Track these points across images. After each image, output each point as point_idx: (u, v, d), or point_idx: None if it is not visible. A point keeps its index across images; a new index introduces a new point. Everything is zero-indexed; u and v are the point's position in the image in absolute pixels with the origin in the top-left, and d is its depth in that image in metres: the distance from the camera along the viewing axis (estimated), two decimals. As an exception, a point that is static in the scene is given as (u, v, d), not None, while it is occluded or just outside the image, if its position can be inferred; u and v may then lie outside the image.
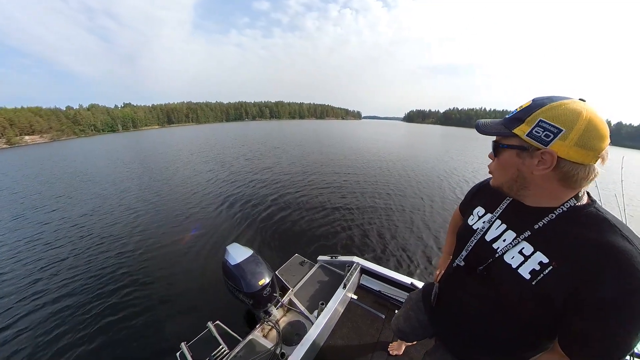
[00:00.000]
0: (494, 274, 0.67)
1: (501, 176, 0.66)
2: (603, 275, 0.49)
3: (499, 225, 0.72)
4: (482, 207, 0.81)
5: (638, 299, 0.47)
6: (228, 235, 4.59)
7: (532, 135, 0.54)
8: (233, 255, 1.96)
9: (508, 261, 0.64)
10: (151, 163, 12.54)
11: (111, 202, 6.77)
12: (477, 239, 0.75)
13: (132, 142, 26.95)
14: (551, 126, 0.52)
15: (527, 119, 0.55)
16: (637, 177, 12.95)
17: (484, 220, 0.77)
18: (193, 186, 7.90)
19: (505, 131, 0.59)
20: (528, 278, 0.59)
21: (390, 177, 9.13)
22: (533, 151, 0.55)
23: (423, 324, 1.12)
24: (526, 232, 0.63)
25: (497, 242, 0.69)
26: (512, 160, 0.60)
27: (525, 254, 0.62)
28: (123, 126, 75.40)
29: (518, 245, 0.64)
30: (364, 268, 2.24)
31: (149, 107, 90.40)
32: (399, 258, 3.98)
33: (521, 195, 0.64)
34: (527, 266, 0.60)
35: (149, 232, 4.83)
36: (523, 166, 0.58)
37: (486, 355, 0.78)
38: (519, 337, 0.67)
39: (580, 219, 0.57)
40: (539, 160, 0.55)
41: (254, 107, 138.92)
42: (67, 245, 4.50)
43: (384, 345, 1.77)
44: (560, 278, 0.54)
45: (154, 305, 2.97)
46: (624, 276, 0.47)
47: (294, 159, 12.68)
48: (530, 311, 0.60)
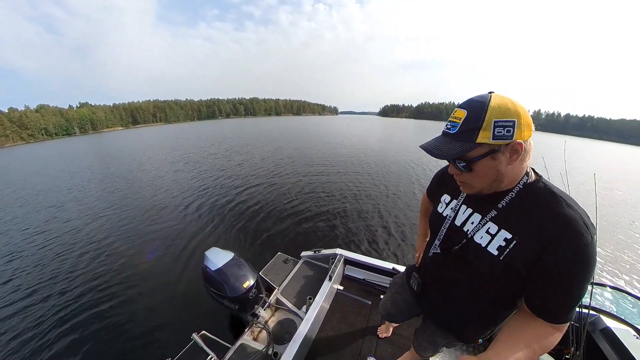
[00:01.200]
0: (468, 254, 0.74)
1: (481, 183, 0.66)
2: (557, 241, 0.57)
3: (465, 210, 0.78)
4: (448, 194, 0.87)
5: (585, 256, 0.56)
6: (205, 240, 4.38)
7: (496, 136, 0.57)
8: (213, 261, 1.87)
9: (478, 241, 0.71)
10: (113, 168, 11.58)
11: (69, 215, 6.16)
12: (447, 225, 0.82)
13: (89, 146, 24.64)
14: (506, 122, 0.56)
15: (482, 125, 0.57)
16: (576, 157, 18.39)
17: (451, 206, 0.83)
18: (161, 193, 7.38)
19: (470, 145, 0.59)
20: (496, 254, 0.66)
21: (364, 169, 9.50)
22: (503, 148, 0.59)
23: (409, 305, 1.17)
24: (492, 212, 0.70)
25: (466, 225, 0.76)
26: (490, 165, 0.62)
27: (491, 233, 0.69)
28: (80, 129, 68.53)
29: (485, 225, 0.71)
30: (347, 259, 2.28)
31: (110, 107, 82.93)
32: (380, 245, 4.18)
33: (497, 188, 0.67)
34: (494, 243, 0.67)
35: (114, 247, 4.41)
36: (500, 165, 0.61)
37: (470, 323, 0.87)
38: (494, 303, 0.76)
39: (533, 194, 0.64)
40: (510, 153, 0.59)
41: (227, 105, 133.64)
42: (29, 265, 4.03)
43: (373, 330, 1.83)
44: (522, 250, 0.62)
45: (130, 326, 2.73)
46: (573, 239, 0.56)
47: (267, 155, 12.56)
48: (501, 281, 0.68)
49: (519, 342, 0.61)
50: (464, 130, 0.59)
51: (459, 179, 0.70)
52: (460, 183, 0.71)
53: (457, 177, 0.70)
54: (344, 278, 2.32)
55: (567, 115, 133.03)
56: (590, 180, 9.32)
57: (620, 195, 8.56)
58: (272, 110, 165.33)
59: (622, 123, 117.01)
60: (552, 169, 1.52)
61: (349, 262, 2.31)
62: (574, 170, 11.61)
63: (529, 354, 0.59)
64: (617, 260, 4.42)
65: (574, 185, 1.80)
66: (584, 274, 0.56)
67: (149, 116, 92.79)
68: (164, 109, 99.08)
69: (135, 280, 3.43)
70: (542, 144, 25.68)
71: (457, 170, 0.67)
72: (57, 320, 2.83)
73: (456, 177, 0.70)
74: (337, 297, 2.12)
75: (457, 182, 0.72)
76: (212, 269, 1.83)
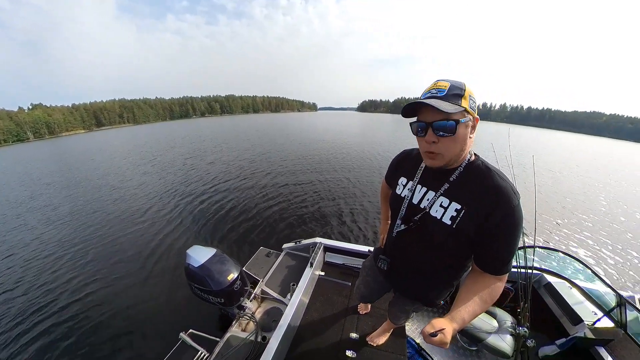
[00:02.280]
0: (426, 227, 0.84)
1: (453, 151, 0.72)
2: (494, 207, 0.70)
3: (420, 189, 0.88)
4: (404, 177, 0.96)
5: (516, 217, 0.69)
6: (186, 239, 4.32)
7: (471, 107, 0.69)
8: (195, 258, 1.87)
9: (434, 214, 0.81)
10: (79, 174, 10.76)
11: (33, 224, 5.69)
12: (406, 204, 0.91)
13: (43, 154, 22.33)
14: (474, 99, 0.70)
15: (464, 94, 0.68)
16: (530, 144, 22.53)
17: (408, 187, 0.93)
18: (134, 194, 7.12)
19: (458, 107, 0.66)
20: (449, 224, 0.77)
21: (339, 162, 10.04)
22: (471, 120, 0.71)
23: (380, 284, 1.31)
24: (444, 186, 0.80)
25: (422, 202, 0.86)
26: (464, 133, 0.70)
27: (444, 206, 0.79)
28: (35, 133, 61.83)
29: (438, 200, 0.81)
30: (327, 246, 2.40)
31: (68, 108, 75.61)
32: (356, 230, 4.49)
33: (455, 162, 0.77)
34: (447, 215, 0.78)
35: (91, 252, 4.21)
36: (467, 135, 0.71)
37: (432, 289, 0.99)
38: (452, 267, 0.90)
39: (474, 170, 0.77)
40: (472, 127, 0.71)
41: (202, 103, 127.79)
42: None
43: (354, 308, 1.97)
44: (470, 217, 0.74)
45: (115, 332, 2.65)
46: (505, 204, 0.69)
47: (243, 153, 12.53)
48: (456, 247, 0.80)
49: (473, 296, 0.73)
50: (451, 95, 0.67)
51: (432, 148, 0.72)
52: (430, 156, 0.75)
53: (431, 148, 0.73)
54: (325, 264, 2.43)
55: (529, 108, 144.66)
56: (536, 161, 11.21)
57: (556, 174, 10.50)
58: (250, 108, 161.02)
59: (575, 115, 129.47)
60: (499, 152, 1.85)
61: (329, 249, 2.43)
62: (525, 153, 14.20)
63: (482, 304, 0.73)
64: (552, 223, 5.35)
65: (518, 164, 2.21)
66: (516, 230, 0.70)
67: (115, 117, 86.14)
68: (131, 108, 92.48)
69: (117, 286, 3.31)
70: (497, 134, 28.10)
71: (435, 137, 0.70)
72: (31, 329, 2.69)
73: (430, 147, 0.73)
74: (319, 282, 2.23)
75: (427, 155, 0.76)
76: (195, 266, 1.84)
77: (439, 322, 0.66)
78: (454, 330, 0.66)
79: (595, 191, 8.39)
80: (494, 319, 1.70)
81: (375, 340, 1.68)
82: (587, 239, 4.85)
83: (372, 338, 1.70)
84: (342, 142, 16.25)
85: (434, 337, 0.64)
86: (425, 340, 0.65)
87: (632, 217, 6.33)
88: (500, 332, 1.61)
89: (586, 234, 5.05)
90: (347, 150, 12.76)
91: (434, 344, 0.64)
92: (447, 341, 0.64)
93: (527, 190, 6.87)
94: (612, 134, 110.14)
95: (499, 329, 1.63)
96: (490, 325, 1.65)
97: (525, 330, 1.39)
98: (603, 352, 1.48)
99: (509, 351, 1.52)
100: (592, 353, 1.52)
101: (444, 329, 0.64)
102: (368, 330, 1.80)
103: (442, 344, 0.64)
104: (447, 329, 0.65)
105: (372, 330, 1.78)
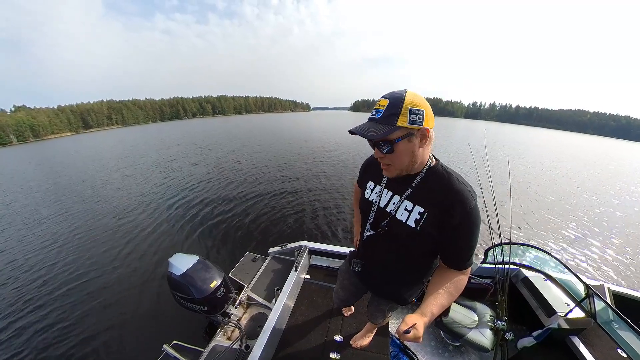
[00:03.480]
0: (393, 230, 0.88)
1: (401, 164, 0.77)
2: (453, 209, 0.74)
3: (386, 193, 0.91)
4: (372, 181, 0.99)
5: (473, 216, 0.74)
6: (167, 248, 4.22)
7: (411, 121, 0.70)
8: (177, 266, 1.84)
9: (399, 218, 0.85)
10: (62, 177, 10.44)
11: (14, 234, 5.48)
12: (375, 208, 0.94)
13: (25, 159, 21.68)
14: (417, 110, 0.69)
15: (400, 112, 0.69)
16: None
17: (375, 192, 0.96)
18: (117, 200, 6.91)
19: (392, 128, 0.69)
20: (414, 226, 0.81)
21: (324, 163, 9.99)
22: (415, 133, 0.71)
23: (357, 286, 1.33)
24: (407, 191, 0.84)
25: (389, 206, 0.89)
26: (407, 147, 0.73)
27: (408, 210, 0.83)
28: (18, 137, 59.62)
29: (403, 204, 0.85)
30: (312, 249, 2.40)
31: (54, 110, 73.25)
32: (340, 233, 4.54)
33: (412, 170, 0.81)
34: (411, 218, 0.82)
35: (71, 263, 4.04)
36: (414, 147, 0.74)
37: (404, 288, 1.04)
38: (420, 266, 0.96)
39: (435, 174, 0.81)
40: (421, 137, 0.73)
41: (193, 103, 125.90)
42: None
43: (338, 310, 1.99)
44: (432, 219, 0.78)
45: (98, 345, 2.54)
46: (463, 205, 0.73)
47: (227, 154, 12.38)
48: (421, 247, 0.86)
49: (440, 290, 0.79)
50: (387, 115, 0.70)
51: (383, 161, 0.80)
52: (384, 167, 0.81)
53: (381, 160, 0.80)
54: (310, 268, 2.43)
55: (517, 107, 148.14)
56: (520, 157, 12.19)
57: (529, 169, 11.12)
58: (242, 108, 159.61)
59: (561, 113, 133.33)
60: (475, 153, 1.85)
61: (314, 252, 2.43)
62: (516, 153, 15.04)
63: (449, 297, 0.79)
64: (535, 220, 5.55)
65: (493, 162, 2.27)
66: (475, 229, 0.75)
67: (103, 119, 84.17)
68: (120, 110, 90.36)
69: (97, 299, 3.19)
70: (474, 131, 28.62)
71: (381, 153, 0.77)
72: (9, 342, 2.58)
73: (380, 160, 0.80)
74: (304, 285, 2.23)
75: (382, 165, 0.82)
76: (177, 274, 1.81)
77: (411, 318, 0.70)
78: (425, 324, 0.70)
79: (569, 186, 8.74)
80: (474, 314, 1.76)
81: (359, 341, 1.70)
82: (560, 233, 5.07)
83: (356, 339, 1.72)
84: (332, 143, 16.17)
85: (407, 333, 0.67)
86: (401, 338, 0.68)
87: (608, 211, 6.62)
88: (481, 327, 1.67)
89: (560, 228, 5.29)
90: (335, 153, 12.71)
91: (408, 340, 0.67)
92: (420, 335, 0.67)
93: (502, 187, 7.02)
94: (595, 131, 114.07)
95: (480, 324, 1.69)
96: (471, 320, 1.70)
97: (503, 324, 1.43)
98: (577, 342, 1.54)
99: (488, 345, 1.59)
100: (567, 343, 1.57)
101: (415, 324, 0.68)
102: (352, 331, 1.82)
103: (416, 339, 0.67)
104: (419, 323, 0.68)
105: (356, 331, 1.80)
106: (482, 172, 2.13)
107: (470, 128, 38.27)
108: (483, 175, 2.04)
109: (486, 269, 2.07)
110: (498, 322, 1.46)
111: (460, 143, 18.25)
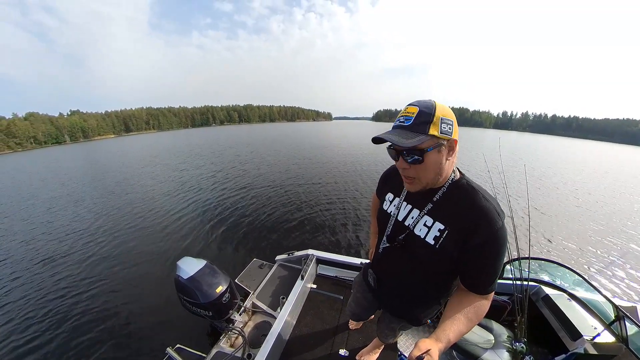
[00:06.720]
0: (410, 246, 0.82)
1: (428, 176, 0.71)
2: (477, 228, 0.67)
3: (405, 206, 0.86)
4: (391, 192, 0.94)
5: (499, 237, 0.67)
6: (176, 250, 4.33)
7: (442, 131, 0.65)
8: (185, 269, 1.86)
9: (418, 233, 0.79)
10: (95, 180, 11.38)
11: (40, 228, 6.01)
12: (393, 221, 0.89)
13: (76, 156, 23.80)
14: (448, 120, 0.66)
15: (432, 120, 0.65)
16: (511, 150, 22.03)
17: (394, 204, 0.91)
18: (139, 201, 7.29)
19: (424, 136, 0.64)
20: (433, 243, 0.75)
21: (339, 174, 9.84)
22: (445, 144, 0.67)
23: (370, 301, 1.25)
24: (428, 206, 0.78)
25: (407, 220, 0.84)
26: (436, 158, 0.68)
27: (428, 226, 0.77)
28: (71, 137, 67.54)
29: (422, 219, 0.79)
30: (319, 258, 2.34)
31: (102, 115, 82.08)
32: (350, 243, 4.40)
33: (436, 184, 0.75)
34: (430, 234, 0.76)
35: (81, 259, 4.21)
36: (443, 159, 0.69)
37: (418, 307, 0.95)
38: (437, 286, 0.87)
39: (459, 189, 0.74)
40: (449, 148, 0.68)
41: (221, 112, 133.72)
42: None
43: (345, 323, 1.90)
44: (453, 238, 0.72)
45: (103, 346, 2.56)
46: (489, 225, 0.66)
47: (246, 165, 12.44)
48: (439, 266, 0.78)
49: (459, 315, 0.71)
50: (418, 123, 0.65)
51: (407, 174, 0.73)
52: (407, 180, 0.75)
53: (405, 173, 0.74)
54: (317, 277, 2.36)
55: (553, 116, 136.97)
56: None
57: (552, 181, 10.10)
58: (267, 117, 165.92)
59: (606, 122, 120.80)
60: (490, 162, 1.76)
61: (321, 261, 2.37)
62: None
63: (468, 323, 0.70)
64: (557, 236, 5.02)
65: (507, 172, 2.12)
66: (500, 251, 0.67)
67: (142, 124, 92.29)
68: (157, 116, 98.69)
69: (106, 297, 3.27)
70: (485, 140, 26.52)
71: (406, 164, 0.70)
72: (14, 341, 2.67)
73: (404, 172, 0.74)
74: (310, 295, 2.17)
75: (405, 179, 0.76)
76: (184, 278, 1.82)
77: (425, 344, 0.64)
78: (440, 350, 0.64)
79: (597, 201, 7.84)
80: (490, 334, 1.58)
81: (365, 357, 1.61)
82: (584, 250, 4.55)
83: (362, 355, 1.62)
84: (355, 151, 16.09)
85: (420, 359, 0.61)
86: None
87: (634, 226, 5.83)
88: (497, 348, 1.50)
89: (584, 245, 4.74)
90: (354, 160, 12.59)
91: None
92: None
93: (521, 197, 6.65)
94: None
95: (496, 344, 1.52)
96: (486, 340, 1.53)
97: (522, 346, 1.28)
98: None
99: None
100: None
101: (429, 349, 0.62)
102: (358, 346, 1.72)
103: None
104: (433, 349, 0.62)
105: (362, 346, 1.70)
106: (497, 180, 1.97)
107: (494, 138, 35.55)
108: (498, 184, 1.89)
109: (503, 285, 1.88)
110: (516, 343, 1.32)
111: (475, 151, 17.40)
